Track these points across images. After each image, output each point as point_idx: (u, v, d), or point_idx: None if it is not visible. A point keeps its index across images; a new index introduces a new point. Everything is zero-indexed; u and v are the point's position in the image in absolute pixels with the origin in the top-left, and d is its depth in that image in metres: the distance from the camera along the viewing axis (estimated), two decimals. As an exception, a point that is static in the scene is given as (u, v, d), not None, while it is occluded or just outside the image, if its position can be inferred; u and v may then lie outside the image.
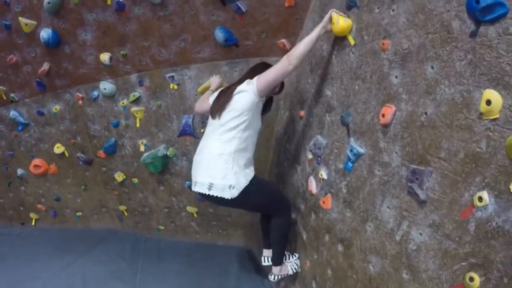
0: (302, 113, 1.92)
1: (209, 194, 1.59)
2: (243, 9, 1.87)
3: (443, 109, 0.95)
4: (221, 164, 1.57)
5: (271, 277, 1.86)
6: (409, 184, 1.05)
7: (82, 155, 2.63)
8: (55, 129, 2.58)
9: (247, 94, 1.58)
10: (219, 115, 1.63)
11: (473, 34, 0.88)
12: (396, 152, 1.11)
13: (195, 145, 2.35)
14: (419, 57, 1.04)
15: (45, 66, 2.28)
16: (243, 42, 2.02)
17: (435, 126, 0.97)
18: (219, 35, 1.98)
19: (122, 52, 2.16)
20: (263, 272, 2.29)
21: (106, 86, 2.28)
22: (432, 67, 0.99)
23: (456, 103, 0.92)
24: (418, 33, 1.05)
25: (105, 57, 2.18)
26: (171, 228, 2.75)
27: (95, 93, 2.35)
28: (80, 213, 2.94)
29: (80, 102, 2.41)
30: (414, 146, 1.04)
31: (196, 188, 1.65)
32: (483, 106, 0.86)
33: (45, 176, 2.80)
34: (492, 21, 0.83)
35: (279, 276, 1.84)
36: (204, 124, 2.31)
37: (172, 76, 2.20)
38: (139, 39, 2.09)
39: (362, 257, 1.30)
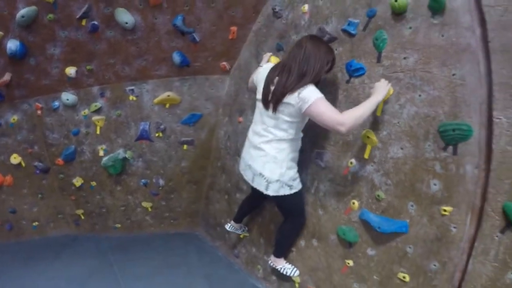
0: (240, 119, 2.84)
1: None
2: (197, 39, 2.69)
3: (334, 118, 2.03)
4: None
5: (269, 262, 2.34)
6: (316, 160, 2.12)
7: (39, 163, 2.97)
8: (12, 140, 2.88)
9: (293, 108, 1.79)
10: (273, 112, 1.87)
11: (348, 82, 1.94)
12: (308, 143, 2.14)
13: (151, 147, 3.07)
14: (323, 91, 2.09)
15: (7, 76, 2.59)
16: (193, 64, 2.80)
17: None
18: (176, 58, 2.74)
19: (88, 67, 2.68)
20: (215, 247, 3.14)
21: (69, 97, 2.76)
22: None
23: (339, 115, 2.00)
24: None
25: (71, 70, 2.66)
26: (127, 224, 3.31)
27: (56, 103, 2.79)
28: (36, 223, 3.21)
29: (39, 112, 2.80)
30: (317, 139, 2.10)
31: None
32: (350, 117, 1.95)
33: (0, 188, 3.00)
34: (357, 76, 1.89)
35: (273, 264, 2.31)
36: (159, 129, 3.01)
37: (132, 89, 2.85)
38: (106, 57, 2.65)
39: (295, 208, 2.32)
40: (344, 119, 1.65)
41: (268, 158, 1.95)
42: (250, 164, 2.04)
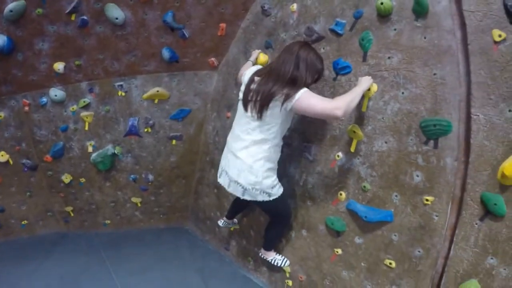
0: (228, 114, 2.88)
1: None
2: (186, 35, 2.70)
3: (322, 114, 2.10)
4: None
5: (260, 254, 2.42)
6: (304, 153, 2.19)
7: (27, 161, 2.91)
8: (-1, 137, 2.81)
9: (278, 107, 1.76)
10: (257, 115, 1.83)
11: (335, 79, 2.01)
12: (296, 137, 2.23)
13: (139, 143, 3.07)
14: (310, 88, 2.16)
15: (-7, 73, 2.53)
16: (182, 59, 2.82)
17: (315, 122, 2.10)
18: (165, 53, 2.75)
19: (76, 62, 2.65)
20: (205, 240, 3.19)
21: (57, 93, 2.72)
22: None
23: (327, 111, 2.08)
24: (309, 73, 2.17)
25: (59, 66, 2.61)
26: (117, 220, 3.31)
27: (44, 99, 2.74)
28: (25, 222, 3.15)
29: (27, 108, 2.75)
30: (305, 133, 2.17)
31: None
32: (338, 112, 2.03)
33: (-12, 188, 2.92)
34: (343, 74, 1.96)
35: (264, 257, 2.39)
36: (148, 124, 3.01)
37: (121, 85, 2.83)
38: (95, 52, 2.63)
39: (284, 201, 2.39)
40: (338, 103, 1.64)
41: (244, 167, 1.92)
42: (226, 170, 2.03)
